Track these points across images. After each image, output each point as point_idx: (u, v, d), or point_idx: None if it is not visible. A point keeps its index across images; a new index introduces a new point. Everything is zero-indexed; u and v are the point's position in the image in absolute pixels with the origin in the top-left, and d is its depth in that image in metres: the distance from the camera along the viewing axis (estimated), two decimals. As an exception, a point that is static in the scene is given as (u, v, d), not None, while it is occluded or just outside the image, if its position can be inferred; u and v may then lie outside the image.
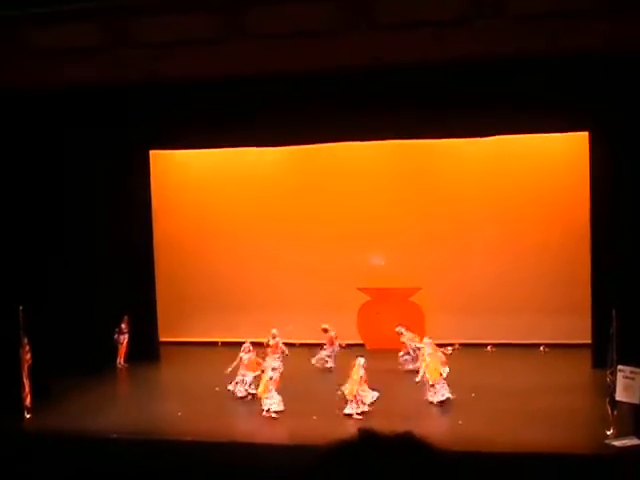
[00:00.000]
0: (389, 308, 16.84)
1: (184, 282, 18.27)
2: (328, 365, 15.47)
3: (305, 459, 1.94)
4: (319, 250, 17.75)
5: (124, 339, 16.28)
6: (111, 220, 16.27)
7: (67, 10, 11.70)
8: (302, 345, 16.20)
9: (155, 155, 17.13)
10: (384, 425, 2.07)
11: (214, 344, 17.22)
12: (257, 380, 13.42)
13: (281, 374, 12.99)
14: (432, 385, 13.12)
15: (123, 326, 16.21)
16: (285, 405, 12.63)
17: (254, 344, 14.31)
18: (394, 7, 11.01)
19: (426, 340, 14.13)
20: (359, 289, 17.25)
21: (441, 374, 13.14)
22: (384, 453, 1.88)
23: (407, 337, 15.32)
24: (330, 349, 15.63)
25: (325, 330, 15.76)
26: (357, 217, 17.51)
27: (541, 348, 16.64)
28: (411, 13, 10.97)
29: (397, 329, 15.43)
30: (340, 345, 15.68)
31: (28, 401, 13.03)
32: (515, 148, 16.74)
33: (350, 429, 11.09)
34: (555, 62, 12.35)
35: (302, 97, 13.95)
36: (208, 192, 18.37)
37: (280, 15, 11.41)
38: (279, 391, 12.75)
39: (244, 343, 14.18)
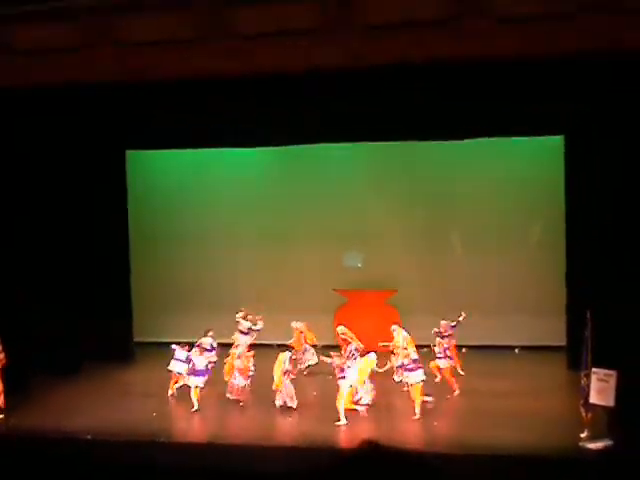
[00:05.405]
0: (365, 311, 16.82)
1: (159, 283, 18.20)
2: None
3: (283, 461, 1.94)
4: (297, 251, 17.76)
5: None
6: (86, 220, 16.16)
7: (43, 9, 11.62)
8: (280, 346, 16.17)
9: (131, 155, 17.02)
10: (363, 427, 2.07)
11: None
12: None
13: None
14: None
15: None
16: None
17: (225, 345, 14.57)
18: (379, 8, 11.04)
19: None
20: (335, 291, 17.24)
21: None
22: (387, 465, 1.88)
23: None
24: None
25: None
26: (336, 219, 17.52)
27: (515, 350, 16.72)
28: (395, 14, 10.99)
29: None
30: (315, 346, 15.76)
31: (1, 401, 12.92)
32: (490, 151, 16.80)
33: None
34: (529, 66, 12.38)
35: (286, 97, 13.87)
36: (186, 192, 18.27)
37: (263, 15, 11.37)
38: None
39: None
